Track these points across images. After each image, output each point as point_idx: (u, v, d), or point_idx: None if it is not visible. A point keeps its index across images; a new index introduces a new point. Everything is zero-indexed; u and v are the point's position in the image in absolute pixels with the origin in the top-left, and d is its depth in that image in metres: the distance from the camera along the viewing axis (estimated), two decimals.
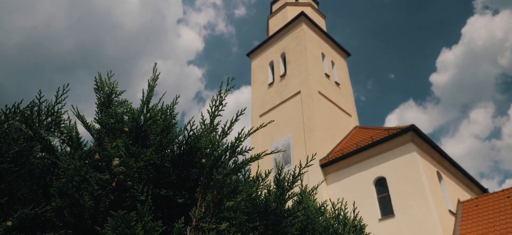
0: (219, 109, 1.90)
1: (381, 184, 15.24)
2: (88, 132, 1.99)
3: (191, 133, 2.03)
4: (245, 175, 2.32)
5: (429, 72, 74.27)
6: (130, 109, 1.99)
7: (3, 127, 1.63)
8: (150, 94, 1.86)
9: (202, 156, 1.75)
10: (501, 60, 60.27)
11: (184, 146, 2.04)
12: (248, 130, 1.81)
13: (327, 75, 22.65)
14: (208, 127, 1.94)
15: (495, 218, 13.33)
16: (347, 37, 75.72)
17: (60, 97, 1.95)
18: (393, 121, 70.87)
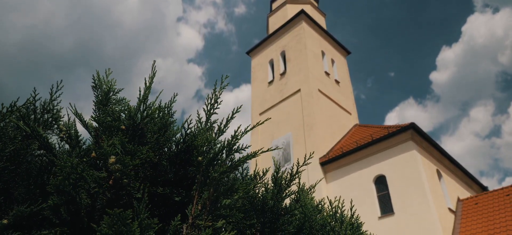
0: (214, 108, 1.90)
1: (381, 182, 15.25)
2: (86, 129, 1.99)
3: (189, 131, 2.04)
4: (243, 173, 2.32)
5: (429, 70, 74.32)
6: (128, 108, 1.99)
7: (0, 125, 1.63)
8: (147, 92, 1.86)
9: (198, 154, 1.75)
10: (501, 58, 60.22)
11: (181, 144, 2.04)
12: (245, 128, 1.81)
13: (327, 74, 22.63)
14: (204, 125, 1.94)
15: (495, 216, 13.35)
16: (347, 35, 75.69)
17: (54, 94, 1.95)
18: (393, 119, 70.94)
